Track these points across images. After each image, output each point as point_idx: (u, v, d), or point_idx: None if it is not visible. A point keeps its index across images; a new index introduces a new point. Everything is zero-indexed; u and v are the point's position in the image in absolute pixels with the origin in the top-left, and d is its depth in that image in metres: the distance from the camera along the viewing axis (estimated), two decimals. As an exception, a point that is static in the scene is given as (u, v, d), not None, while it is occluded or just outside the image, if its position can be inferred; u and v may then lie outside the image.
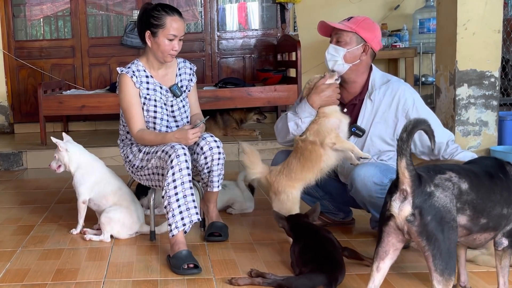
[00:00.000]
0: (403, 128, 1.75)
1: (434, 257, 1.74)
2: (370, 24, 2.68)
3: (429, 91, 6.53)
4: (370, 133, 2.69)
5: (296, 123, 2.69)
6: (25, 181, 4.60)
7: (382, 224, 1.86)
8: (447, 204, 1.77)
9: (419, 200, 1.75)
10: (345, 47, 2.65)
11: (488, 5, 4.07)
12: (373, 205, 2.61)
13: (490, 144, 4.28)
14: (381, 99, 2.68)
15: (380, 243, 1.87)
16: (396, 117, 2.66)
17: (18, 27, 6.61)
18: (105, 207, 2.94)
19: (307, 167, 2.62)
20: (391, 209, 1.80)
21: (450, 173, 1.83)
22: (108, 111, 5.37)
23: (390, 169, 2.58)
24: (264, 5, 6.75)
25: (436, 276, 1.74)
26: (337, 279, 2.18)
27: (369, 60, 2.70)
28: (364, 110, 2.71)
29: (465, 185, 1.82)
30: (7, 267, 2.61)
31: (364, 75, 2.73)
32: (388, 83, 2.69)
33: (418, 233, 1.76)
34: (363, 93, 2.73)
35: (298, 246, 2.35)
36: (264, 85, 5.65)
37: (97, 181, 2.97)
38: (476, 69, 4.14)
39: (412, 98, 2.65)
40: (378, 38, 2.70)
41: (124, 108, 2.88)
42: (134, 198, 3.01)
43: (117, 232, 2.91)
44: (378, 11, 6.58)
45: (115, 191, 2.95)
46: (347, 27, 2.65)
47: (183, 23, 2.85)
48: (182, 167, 2.60)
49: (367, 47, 2.66)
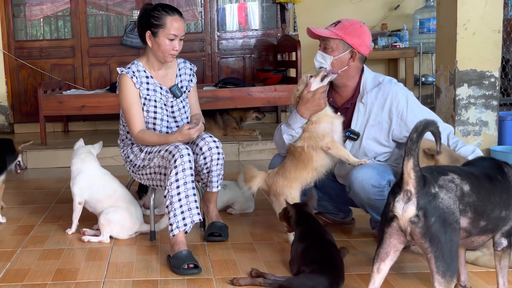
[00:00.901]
0: (413, 129, 1.73)
1: (436, 258, 1.73)
2: (357, 29, 2.66)
3: (429, 91, 6.53)
4: (364, 136, 2.69)
5: (290, 134, 2.70)
6: (25, 181, 4.60)
7: (384, 225, 1.84)
8: (451, 206, 1.76)
9: (423, 201, 1.74)
10: (332, 54, 2.66)
11: (488, 5, 4.07)
12: (371, 207, 2.61)
13: (490, 144, 4.28)
14: (373, 101, 2.67)
15: (381, 244, 1.86)
16: (389, 119, 2.64)
17: (18, 27, 6.61)
18: (101, 210, 2.93)
19: (300, 167, 2.63)
20: (395, 210, 1.79)
21: (452, 174, 1.83)
22: (108, 111, 5.36)
23: (387, 170, 2.58)
24: (264, 5, 6.75)
25: (438, 278, 1.74)
26: (338, 282, 2.18)
27: (358, 64, 2.69)
28: (357, 114, 2.70)
29: (466, 186, 1.82)
30: (7, 267, 2.61)
31: (355, 78, 2.73)
32: (379, 85, 2.67)
33: (422, 234, 1.75)
34: (355, 96, 2.73)
35: (301, 245, 2.34)
36: (264, 85, 5.65)
37: (89, 185, 2.97)
38: (476, 69, 4.14)
39: (405, 98, 2.63)
40: (366, 42, 2.68)
41: (124, 109, 2.87)
42: (132, 199, 3.00)
43: (116, 233, 2.91)
44: (378, 11, 6.58)
45: (110, 194, 2.95)
46: (333, 34, 2.64)
47: (184, 23, 2.85)
48: (185, 167, 2.61)
49: (354, 53, 2.65)
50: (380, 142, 2.68)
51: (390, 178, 2.55)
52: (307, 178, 2.65)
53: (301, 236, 2.39)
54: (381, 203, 2.57)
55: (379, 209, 2.62)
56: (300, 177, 2.64)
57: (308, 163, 2.62)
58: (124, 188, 3.01)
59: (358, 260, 2.55)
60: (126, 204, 2.93)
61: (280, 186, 2.66)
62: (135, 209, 2.96)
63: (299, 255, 2.32)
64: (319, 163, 2.62)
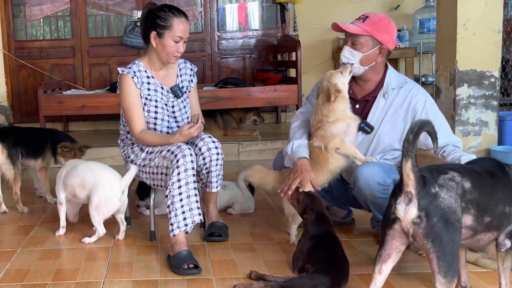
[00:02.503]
0: (409, 130, 1.73)
1: (438, 259, 1.73)
2: (386, 25, 2.65)
3: (429, 91, 6.47)
4: (379, 131, 2.68)
5: (286, 156, 2.71)
6: (25, 181, 4.58)
7: (386, 227, 1.84)
8: (452, 205, 1.76)
9: (424, 202, 1.74)
10: (361, 51, 2.63)
11: (488, 5, 4.07)
12: (375, 205, 2.60)
13: (490, 144, 4.28)
14: (395, 98, 2.67)
15: (383, 245, 1.86)
16: (406, 117, 2.64)
17: (18, 27, 6.60)
18: (80, 203, 2.99)
19: (316, 169, 2.61)
20: (397, 212, 1.78)
21: (452, 172, 1.82)
22: (108, 111, 5.36)
23: (393, 169, 2.57)
24: (264, 5, 6.75)
25: (440, 278, 1.74)
26: (340, 283, 2.18)
27: (384, 59, 2.69)
28: (376, 107, 2.70)
29: (467, 184, 1.81)
30: (7, 267, 2.61)
31: (380, 73, 2.72)
32: (405, 84, 2.68)
33: (424, 235, 1.74)
34: (376, 90, 2.72)
35: (310, 243, 2.33)
36: (264, 85, 5.65)
37: (62, 177, 2.98)
38: (476, 69, 4.14)
39: (423, 100, 2.63)
40: (394, 37, 2.68)
41: (125, 109, 2.87)
42: (102, 173, 2.91)
43: (107, 211, 2.85)
44: (378, 11, 6.54)
45: (80, 181, 2.89)
46: (363, 31, 2.61)
47: (189, 26, 2.86)
48: (187, 167, 2.61)
49: (383, 49, 2.64)
50: (392, 139, 2.67)
51: (396, 177, 2.54)
52: (321, 180, 2.63)
53: (313, 235, 2.36)
54: (385, 201, 2.55)
55: (382, 207, 2.61)
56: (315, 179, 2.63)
57: (324, 165, 2.61)
58: (92, 173, 2.91)
59: (358, 260, 2.55)
60: (98, 181, 2.86)
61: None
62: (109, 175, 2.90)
63: (305, 253, 2.32)
64: (334, 165, 2.61)
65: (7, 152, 3.48)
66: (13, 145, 3.52)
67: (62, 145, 3.63)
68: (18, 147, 3.56)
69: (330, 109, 2.58)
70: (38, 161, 3.67)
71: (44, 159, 3.68)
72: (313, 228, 2.39)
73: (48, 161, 3.71)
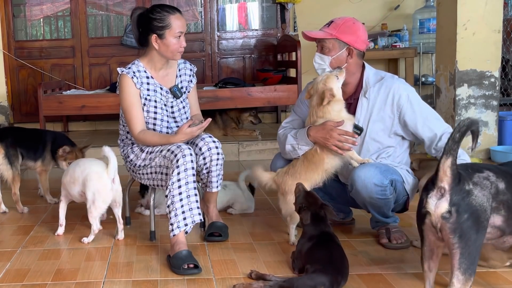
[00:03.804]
0: (456, 128, 1.74)
1: (461, 255, 1.74)
2: (351, 26, 2.67)
3: (429, 91, 6.53)
4: (368, 131, 2.69)
5: (293, 146, 2.70)
6: (25, 181, 4.58)
7: (420, 223, 1.86)
8: (484, 203, 1.76)
9: (457, 198, 1.75)
10: (329, 55, 2.67)
11: (488, 5, 4.08)
12: (373, 206, 2.61)
13: (490, 144, 4.29)
14: (376, 96, 2.68)
15: (423, 242, 1.88)
16: (392, 113, 2.65)
17: (18, 27, 6.61)
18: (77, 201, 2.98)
19: (311, 169, 2.63)
20: (427, 206, 1.80)
21: (487, 172, 1.83)
22: (108, 111, 5.37)
23: (390, 169, 2.58)
24: (264, 5, 6.75)
25: (458, 274, 1.75)
26: (339, 283, 2.18)
27: (357, 60, 2.70)
28: (360, 108, 2.71)
29: (502, 184, 1.82)
30: (7, 267, 2.61)
31: (356, 74, 2.74)
32: (382, 80, 2.69)
33: (452, 230, 1.75)
34: (357, 92, 2.74)
35: (309, 244, 2.33)
36: (264, 85, 5.66)
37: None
38: (476, 69, 4.15)
39: (406, 93, 2.64)
40: (361, 37, 2.69)
41: (125, 109, 2.88)
42: (88, 166, 2.91)
43: (103, 203, 2.84)
44: (378, 11, 6.58)
45: (71, 176, 2.92)
46: (328, 34, 2.66)
47: (184, 19, 2.88)
48: (187, 167, 2.61)
49: (351, 50, 2.66)
50: (383, 137, 2.69)
51: (393, 178, 2.55)
52: (316, 179, 2.64)
53: (311, 236, 2.36)
54: (383, 202, 2.59)
55: (380, 208, 2.63)
56: (310, 179, 2.64)
57: (319, 165, 2.62)
58: (78, 166, 2.94)
59: (358, 260, 2.55)
60: (88, 171, 2.86)
61: (289, 185, 2.66)
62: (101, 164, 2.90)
63: (304, 253, 2.32)
64: (329, 164, 2.62)
65: (5, 152, 3.48)
66: (12, 145, 3.52)
67: (63, 148, 3.62)
68: (18, 148, 3.56)
69: (325, 111, 2.60)
70: (37, 163, 3.66)
71: (44, 162, 3.68)
72: (310, 228, 2.39)
73: (48, 164, 3.70)
